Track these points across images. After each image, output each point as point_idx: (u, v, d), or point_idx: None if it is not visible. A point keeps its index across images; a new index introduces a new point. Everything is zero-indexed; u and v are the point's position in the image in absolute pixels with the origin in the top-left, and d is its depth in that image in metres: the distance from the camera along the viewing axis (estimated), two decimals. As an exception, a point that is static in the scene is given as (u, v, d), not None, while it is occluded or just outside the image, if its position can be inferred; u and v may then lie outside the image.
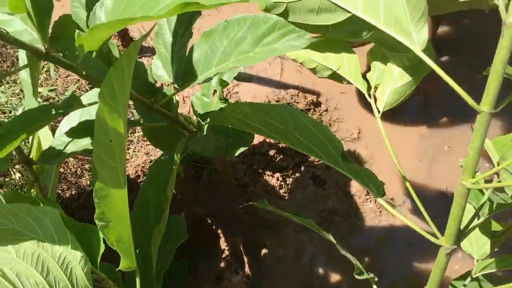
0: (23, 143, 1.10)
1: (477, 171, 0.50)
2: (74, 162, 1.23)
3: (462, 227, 0.59)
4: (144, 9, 0.47)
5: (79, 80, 1.37)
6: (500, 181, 0.59)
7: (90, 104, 0.67)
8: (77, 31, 0.49)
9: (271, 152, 1.28)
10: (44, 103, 1.30)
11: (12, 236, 0.52)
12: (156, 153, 1.27)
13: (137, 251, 0.68)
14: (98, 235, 0.59)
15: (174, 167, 0.75)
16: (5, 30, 0.52)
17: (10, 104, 1.29)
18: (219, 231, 1.27)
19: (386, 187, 1.25)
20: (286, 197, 1.24)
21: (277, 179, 1.24)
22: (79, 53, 0.55)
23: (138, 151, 1.28)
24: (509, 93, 0.50)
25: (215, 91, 1.04)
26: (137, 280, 0.60)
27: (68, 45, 0.66)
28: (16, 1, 0.50)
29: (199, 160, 1.25)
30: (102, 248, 0.58)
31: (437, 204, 1.15)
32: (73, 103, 0.66)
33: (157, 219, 0.72)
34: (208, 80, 0.70)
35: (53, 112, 0.65)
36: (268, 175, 1.25)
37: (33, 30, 0.60)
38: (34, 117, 0.62)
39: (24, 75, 0.81)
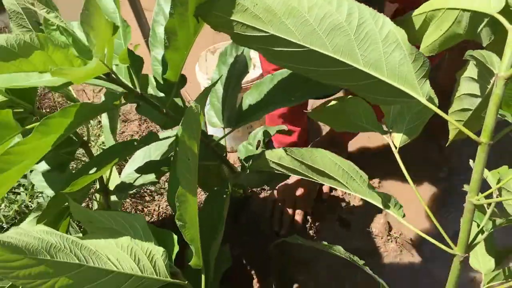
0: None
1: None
2: (130, 203, 1.37)
3: (470, 240, 0.69)
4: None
5: (132, 135, 1.56)
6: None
7: (164, 138, 0.82)
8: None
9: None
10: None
11: (112, 233, 0.64)
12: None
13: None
14: (173, 238, 0.71)
15: (227, 194, 0.87)
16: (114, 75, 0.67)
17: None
18: (253, 272, 1.36)
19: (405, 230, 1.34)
20: (315, 237, 1.34)
21: (307, 221, 1.35)
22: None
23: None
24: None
25: (259, 141, 1.18)
26: (203, 277, 0.71)
27: (146, 92, 0.83)
28: (124, 55, 0.66)
29: (239, 202, 1.37)
30: (177, 248, 0.70)
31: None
32: (152, 137, 0.80)
33: (213, 236, 0.84)
34: (259, 117, 0.84)
35: (135, 144, 0.80)
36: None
37: (127, 80, 0.76)
38: (123, 147, 0.77)
39: (106, 122, 0.97)
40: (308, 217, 1.36)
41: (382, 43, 0.58)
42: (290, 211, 1.34)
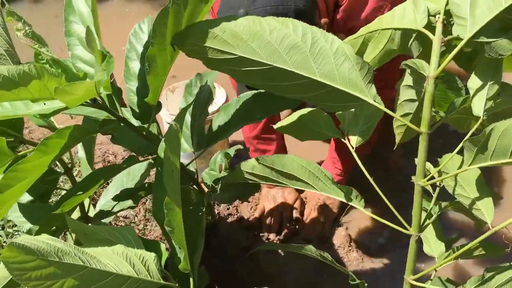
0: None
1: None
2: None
3: (422, 221, 0.78)
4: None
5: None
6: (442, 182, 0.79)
7: (144, 160, 0.88)
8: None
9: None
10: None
11: (107, 243, 0.69)
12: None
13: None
14: (160, 247, 0.76)
15: (203, 211, 0.94)
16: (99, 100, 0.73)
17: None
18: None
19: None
20: (282, 254, 1.41)
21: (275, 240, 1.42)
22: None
23: (156, 226, 1.45)
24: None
25: (220, 165, 1.26)
26: (191, 280, 0.77)
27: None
28: (107, 83, 0.73)
29: (208, 228, 1.41)
30: (165, 255, 0.75)
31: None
32: (133, 160, 0.86)
33: (194, 250, 0.90)
34: (229, 135, 0.93)
35: (116, 167, 0.85)
36: (266, 237, 1.43)
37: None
38: (107, 170, 0.82)
39: (82, 154, 1.01)
40: (276, 236, 1.43)
41: (333, 57, 0.68)
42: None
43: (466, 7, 0.64)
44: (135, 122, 0.91)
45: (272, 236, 1.42)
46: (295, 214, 1.48)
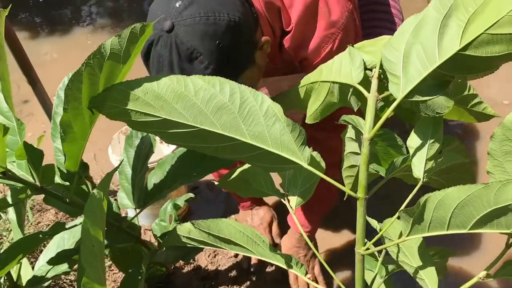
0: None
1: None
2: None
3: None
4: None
5: (48, 224, 1.50)
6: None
7: (71, 227, 0.81)
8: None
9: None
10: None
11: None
12: (122, 280, 1.36)
13: None
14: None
15: (142, 274, 0.87)
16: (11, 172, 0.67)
17: None
18: None
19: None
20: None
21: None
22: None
23: (106, 280, 1.36)
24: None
25: (171, 216, 1.19)
26: None
27: (52, 182, 0.83)
28: (20, 151, 0.67)
29: (162, 280, 1.34)
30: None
31: None
32: (59, 228, 0.79)
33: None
34: (165, 195, 0.87)
35: (41, 236, 0.78)
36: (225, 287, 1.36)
37: (28, 174, 0.76)
38: (28, 241, 0.75)
39: (13, 216, 0.94)
40: (235, 286, 1.37)
41: (264, 118, 0.63)
42: None
43: (399, 64, 0.60)
44: (66, 183, 0.84)
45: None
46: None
